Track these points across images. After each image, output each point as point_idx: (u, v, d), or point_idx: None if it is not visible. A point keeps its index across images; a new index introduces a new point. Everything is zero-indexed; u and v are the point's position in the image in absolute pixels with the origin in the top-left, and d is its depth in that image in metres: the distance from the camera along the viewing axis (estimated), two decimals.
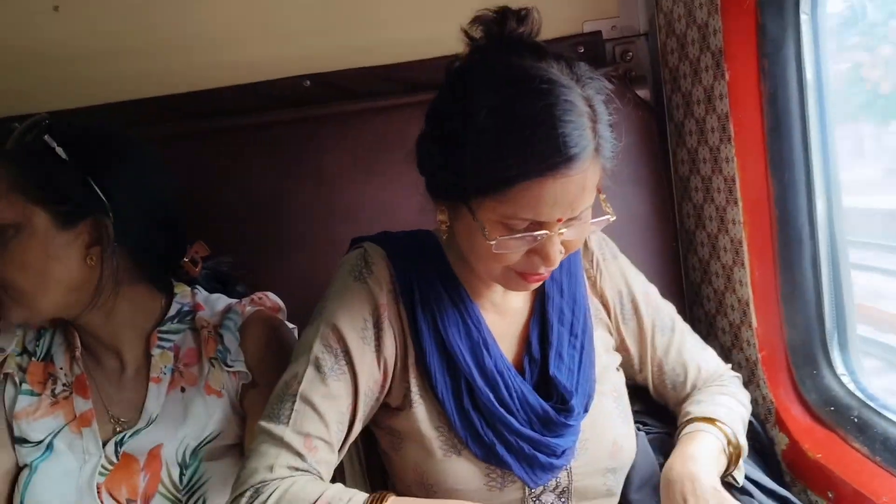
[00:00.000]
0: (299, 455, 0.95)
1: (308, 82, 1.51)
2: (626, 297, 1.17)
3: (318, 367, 1.00)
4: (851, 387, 1.26)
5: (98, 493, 1.08)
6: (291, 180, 1.48)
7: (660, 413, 1.25)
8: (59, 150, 1.06)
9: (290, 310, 1.26)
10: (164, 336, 1.16)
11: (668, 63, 1.50)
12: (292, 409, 0.97)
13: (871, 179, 2.62)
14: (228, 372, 1.13)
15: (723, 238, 1.39)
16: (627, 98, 1.47)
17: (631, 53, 1.54)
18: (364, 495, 0.92)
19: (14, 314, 1.09)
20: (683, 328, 1.22)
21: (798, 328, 1.30)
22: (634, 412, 1.19)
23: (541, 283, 1.01)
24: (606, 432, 1.09)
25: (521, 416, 1.03)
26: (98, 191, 1.07)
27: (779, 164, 1.27)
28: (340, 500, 0.91)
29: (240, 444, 1.14)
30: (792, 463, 1.27)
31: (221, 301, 1.22)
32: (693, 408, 1.15)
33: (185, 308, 1.19)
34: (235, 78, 1.49)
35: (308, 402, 0.98)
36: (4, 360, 1.16)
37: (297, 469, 0.95)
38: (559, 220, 0.92)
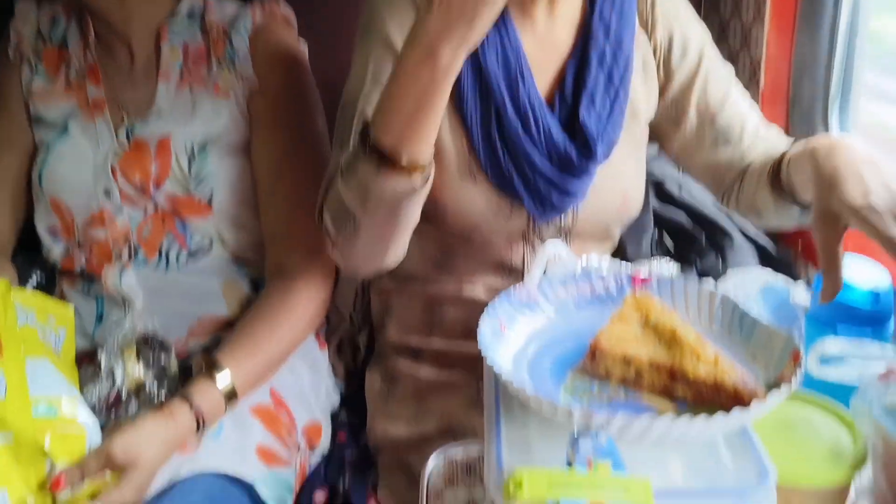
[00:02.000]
0: None
1: None
2: (679, 42, 1.09)
3: (377, 82, 0.99)
4: None
5: (112, 174, 1.13)
6: None
7: None
8: None
9: (301, 21, 1.25)
10: (174, 32, 1.17)
11: None
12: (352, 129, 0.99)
13: None
14: (236, 74, 1.15)
15: None
16: None
17: None
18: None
19: None
20: (739, 86, 1.13)
21: (804, 89, 1.31)
22: None
23: None
24: (618, 182, 1.08)
25: (543, 152, 1.02)
26: None
27: None
28: (340, 167, 0.94)
29: (247, 146, 1.17)
30: None
31: (231, 5, 1.21)
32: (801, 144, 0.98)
33: (196, 8, 1.19)
34: None
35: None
36: (21, 41, 1.17)
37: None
38: None
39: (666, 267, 0.92)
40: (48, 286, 1.22)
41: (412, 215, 0.92)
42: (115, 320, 1.16)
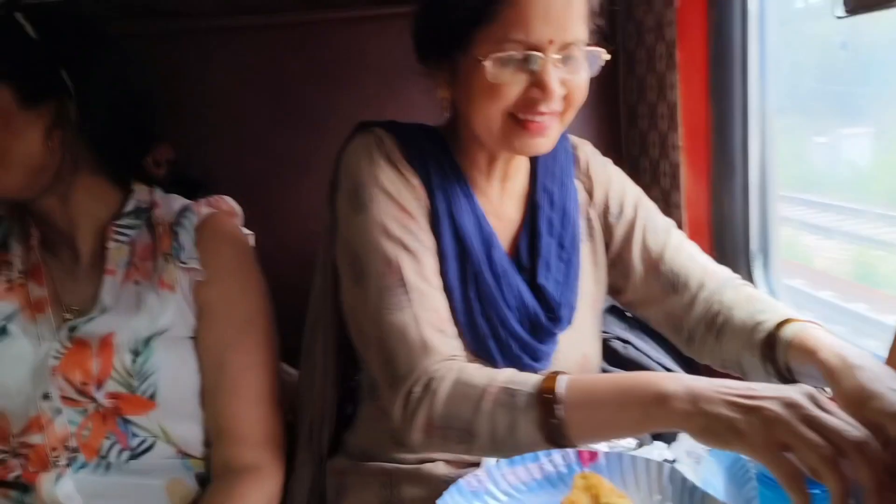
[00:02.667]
0: (441, 331, 0.98)
1: None
2: (615, 200, 1.17)
3: (406, 248, 1.01)
4: None
5: (52, 376, 1.11)
6: (252, 86, 1.50)
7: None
8: (29, 28, 1.06)
9: (245, 211, 1.30)
10: (121, 230, 1.18)
11: None
12: (407, 293, 0.98)
13: None
14: (182, 268, 1.16)
15: (663, 163, 1.47)
16: None
17: None
18: (536, 377, 0.90)
19: None
20: (681, 235, 1.18)
21: (725, 249, 1.39)
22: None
23: (543, 134, 0.99)
24: (579, 345, 1.12)
25: (515, 315, 1.05)
26: (65, 74, 1.08)
27: (719, 92, 1.35)
28: (513, 382, 0.90)
29: (192, 337, 1.17)
30: None
31: (178, 201, 1.24)
32: (774, 312, 1.04)
33: (143, 205, 1.21)
34: None
35: (417, 278, 0.99)
36: None
37: (445, 346, 0.97)
38: (550, 42, 0.94)
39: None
40: None
41: None
42: None
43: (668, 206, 1.47)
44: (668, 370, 1.37)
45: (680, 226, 1.41)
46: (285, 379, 1.27)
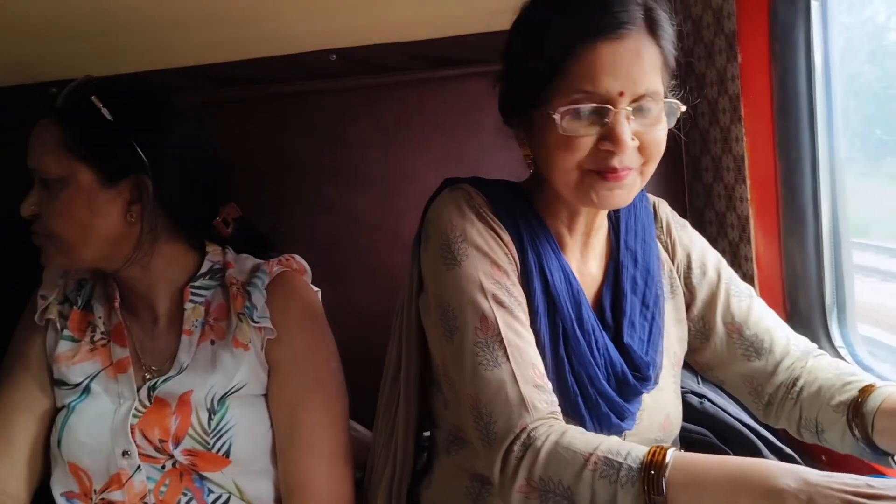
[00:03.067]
0: (538, 387, 0.96)
1: (334, 56, 1.57)
2: (697, 263, 1.17)
3: (501, 303, 1.00)
4: (849, 359, 1.32)
5: (132, 433, 1.14)
6: (322, 148, 1.55)
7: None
8: (105, 112, 1.12)
9: (315, 270, 1.32)
10: (197, 291, 1.22)
11: (683, 46, 1.54)
12: (504, 348, 0.97)
13: None
14: (255, 327, 1.18)
15: (730, 215, 1.45)
16: None
17: None
18: (642, 448, 0.88)
19: (56, 261, 1.16)
20: (761, 301, 1.18)
21: (799, 302, 1.35)
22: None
23: (620, 184, 0.98)
24: (662, 404, 1.10)
25: (603, 373, 1.04)
26: (140, 151, 1.12)
27: (786, 144, 1.33)
28: (618, 453, 0.88)
29: (265, 394, 1.20)
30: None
31: (250, 261, 1.27)
32: (862, 375, 1.06)
33: (216, 266, 1.25)
34: (271, 49, 1.55)
35: (513, 333, 0.98)
36: (47, 307, 1.22)
37: (543, 403, 0.95)
38: (621, 95, 0.94)
39: None
40: None
41: None
42: None
43: (737, 258, 1.45)
44: (747, 426, 1.32)
45: (752, 279, 1.40)
46: (354, 436, 1.27)
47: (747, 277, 1.41)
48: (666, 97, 0.99)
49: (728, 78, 1.39)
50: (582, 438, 0.91)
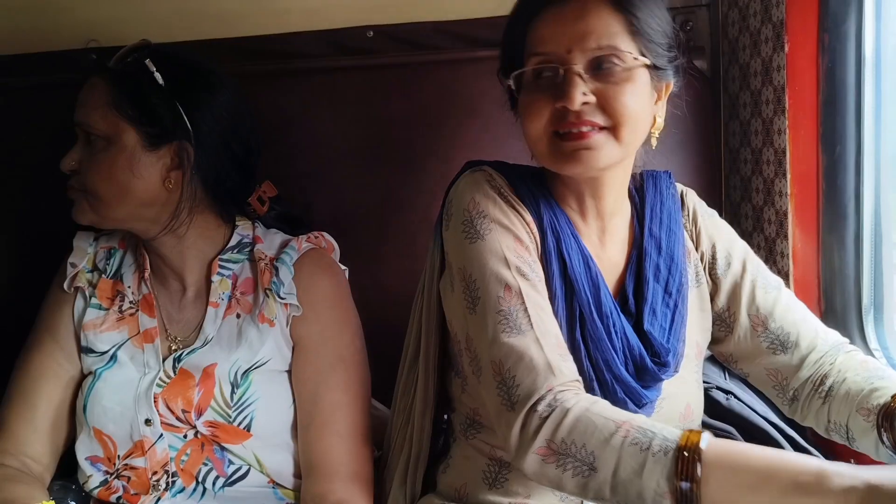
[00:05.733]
0: (562, 355, 0.96)
1: (371, 33, 1.56)
2: (722, 253, 1.16)
3: (524, 275, 1.00)
4: (884, 361, 1.28)
5: (155, 402, 1.15)
6: (353, 125, 1.53)
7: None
8: (157, 76, 1.13)
9: (343, 249, 1.32)
10: (224, 264, 1.23)
11: (727, 34, 1.51)
12: (528, 316, 0.96)
13: None
14: (281, 303, 1.18)
15: (768, 210, 1.42)
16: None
17: (691, 24, 1.56)
18: (675, 431, 0.85)
19: (87, 217, 1.16)
20: (791, 293, 1.16)
21: (835, 301, 1.32)
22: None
23: (583, 144, 0.98)
24: (683, 393, 1.09)
25: (621, 358, 1.03)
26: (186, 119, 1.14)
27: (830, 139, 1.29)
28: (653, 425, 0.86)
29: (288, 371, 1.20)
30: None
31: (279, 236, 1.27)
32: (892, 380, 1.03)
33: (245, 240, 1.25)
34: (306, 24, 1.54)
35: (535, 303, 0.98)
36: (76, 275, 1.23)
37: (569, 369, 0.95)
38: (569, 53, 0.97)
39: None
40: None
41: None
42: None
43: (772, 254, 1.41)
44: (774, 426, 1.30)
45: (787, 275, 1.36)
46: (374, 415, 1.27)
47: (782, 274, 1.38)
48: (646, 63, 1.00)
49: (773, 68, 1.35)
50: (614, 409, 0.90)
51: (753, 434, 1.32)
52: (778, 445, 1.29)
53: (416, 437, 1.14)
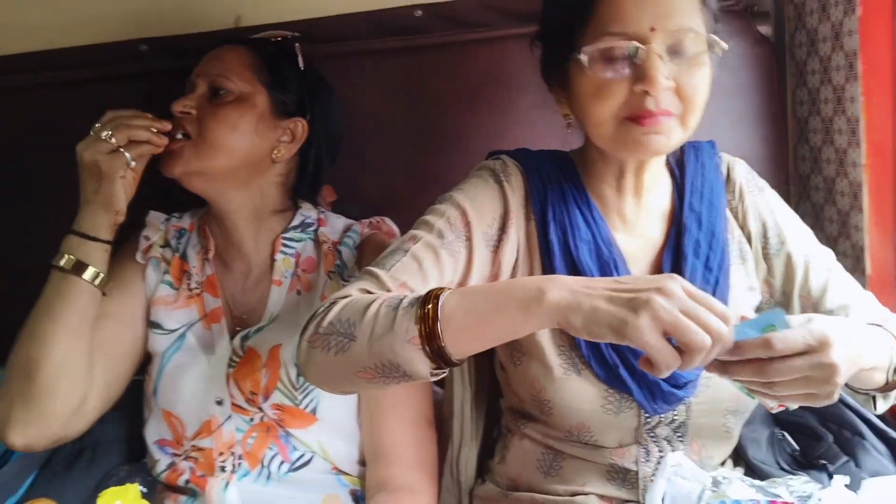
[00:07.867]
0: (387, 289, 0.94)
1: (419, 12, 1.52)
2: (774, 232, 1.10)
3: (439, 235, 1.00)
4: None
5: (226, 382, 1.16)
6: (400, 107, 1.51)
7: None
8: (300, 60, 1.26)
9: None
10: (287, 243, 1.24)
11: None
12: (398, 261, 0.97)
13: None
14: (344, 286, 1.18)
15: (840, 182, 1.35)
16: (748, 34, 1.43)
17: None
18: (420, 293, 0.88)
19: (180, 165, 1.16)
20: (843, 272, 1.11)
21: None
22: None
23: (656, 129, 0.94)
24: None
25: None
26: (307, 102, 1.25)
27: None
28: (399, 298, 0.87)
29: None
30: None
31: (341, 220, 1.29)
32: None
33: (308, 220, 1.27)
34: (354, 5, 1.52)
35: (416, 259, 0.97)
36: (150, 246, 1.24)
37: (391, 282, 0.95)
38: (652, 30, 0.91)
39: (803, 485, 0.84)
40: (146, 497, 1.21)
41: (399, 382, 0.87)
42: None
43: (846, 227, 1.35)
44: (848, 406, 1.24)
45: (861, 250, 1.30)
46: (436, 400, 1.26)
47: (857, 248, 1.32)
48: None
49: (844, 33, 1.28)
50: (366, 296, 0.90)
51: (826, 416, 1.27)
52: (855, 428, 1.24)
53: (461, 423, 1.15)
